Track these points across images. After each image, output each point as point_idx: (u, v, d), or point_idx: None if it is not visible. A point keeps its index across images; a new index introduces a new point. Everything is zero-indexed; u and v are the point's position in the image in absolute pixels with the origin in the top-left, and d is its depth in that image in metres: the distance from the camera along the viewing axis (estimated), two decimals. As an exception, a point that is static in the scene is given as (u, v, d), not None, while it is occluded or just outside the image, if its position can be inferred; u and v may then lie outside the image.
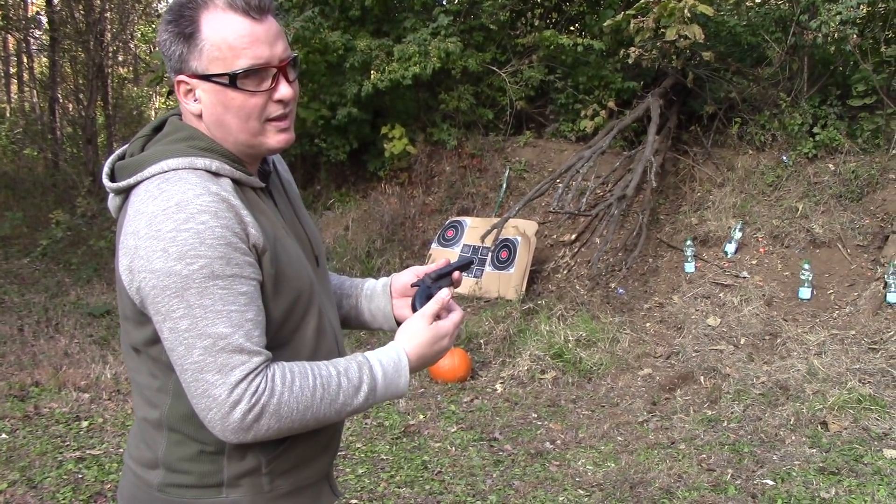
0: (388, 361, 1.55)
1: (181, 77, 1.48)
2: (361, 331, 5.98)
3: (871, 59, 7.44)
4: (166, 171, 1.43)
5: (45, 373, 5.75)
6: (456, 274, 1.79)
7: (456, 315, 1.68)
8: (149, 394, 1.54)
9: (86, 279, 8.49)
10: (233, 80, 1.45)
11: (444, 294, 1.66)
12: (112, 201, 1.54)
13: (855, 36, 6.90)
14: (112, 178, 1.53)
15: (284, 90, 1.50)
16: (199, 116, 1.50)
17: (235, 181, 1.49)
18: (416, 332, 1.62)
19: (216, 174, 1.46)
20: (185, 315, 1.37)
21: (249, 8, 1.44)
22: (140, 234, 1.39)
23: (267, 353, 1.42)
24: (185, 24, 1.44)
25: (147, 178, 1.44)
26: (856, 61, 7.52)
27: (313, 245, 1.69)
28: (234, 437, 1.40)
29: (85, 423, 5.06)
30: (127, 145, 1.57)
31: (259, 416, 1.39)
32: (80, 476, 4.32)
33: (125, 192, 1.49)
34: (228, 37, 1.43)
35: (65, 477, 4.29)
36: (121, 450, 4.63)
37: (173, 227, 1.36)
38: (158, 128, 1.58)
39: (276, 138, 1.52)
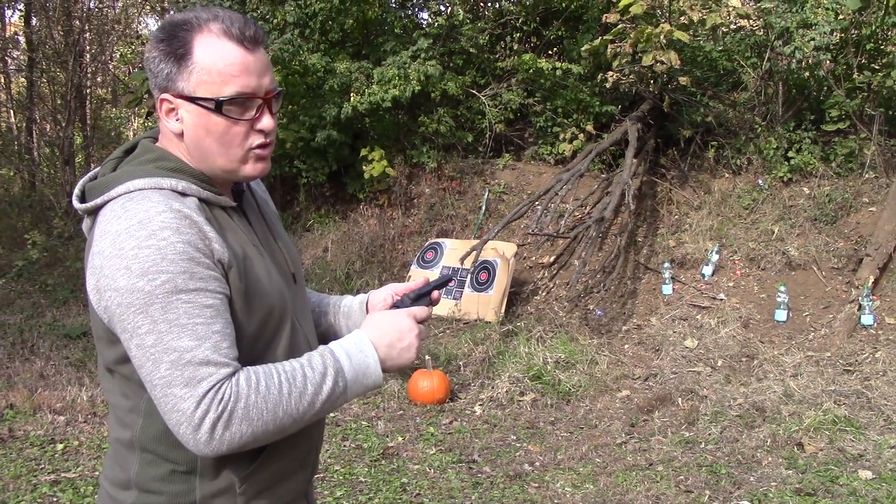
0: (348, 343, 1.56)
1: (165, 96, 1.50)
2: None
3: (844, 84, 7.57)
4: (132, 191, 1.45)
5: (20, 395, 5.68)
6: (435, 293, 1.80)
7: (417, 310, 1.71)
8: (121, 414, 1.54)
9: (62, 300, 8.40)
10: (218, 106, 1.47)
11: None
12: (84, 223, 1.56)
13: (828, 62, 7.02)
14: (83, 200, 1.54)
15: (267, 121, 1.53)
16: (180, 136, 1.51)
17: (203, 200, 1.50)
18: (372, 317, 1.65)
19: (182, 194, 1.47)
20: (151, 331, 1.36)
21: (244, 38, 1.48)
22: (105, 254, 1.39)
23: (236, 364, 1.41)
24: (177, 45, 1.47)
25: (113, 199, 1.45)
26: (829, 87, 7.65)
27: (290, 263, 1.69)
28: (207, 450, 1.38)
29: (60, 446, 5.00)
30: (99, 167, 1.59)
31: (228, 423, 1.37)
32: (55, 499, 4.27)
33: (94, 213, 1.50)
34: (219, 63, 1.46)
35: (39, 500, 4.24)
36: (96, 472, 4.58)
37: (135, 244, 1.37)
38: (130, 150, 1.59)
39: (254, 167, 1.55)
